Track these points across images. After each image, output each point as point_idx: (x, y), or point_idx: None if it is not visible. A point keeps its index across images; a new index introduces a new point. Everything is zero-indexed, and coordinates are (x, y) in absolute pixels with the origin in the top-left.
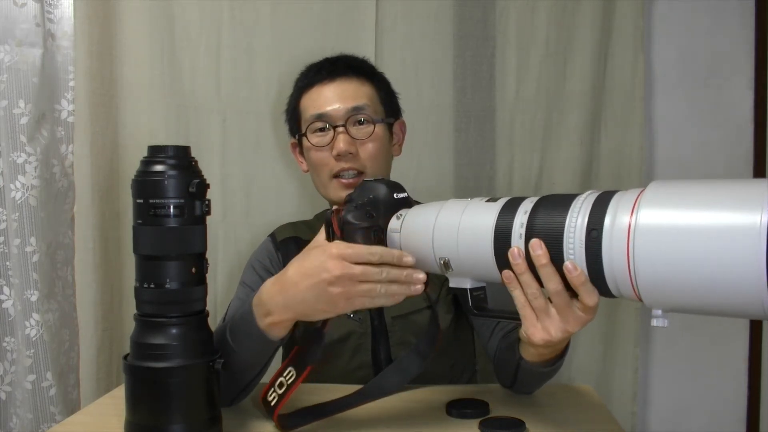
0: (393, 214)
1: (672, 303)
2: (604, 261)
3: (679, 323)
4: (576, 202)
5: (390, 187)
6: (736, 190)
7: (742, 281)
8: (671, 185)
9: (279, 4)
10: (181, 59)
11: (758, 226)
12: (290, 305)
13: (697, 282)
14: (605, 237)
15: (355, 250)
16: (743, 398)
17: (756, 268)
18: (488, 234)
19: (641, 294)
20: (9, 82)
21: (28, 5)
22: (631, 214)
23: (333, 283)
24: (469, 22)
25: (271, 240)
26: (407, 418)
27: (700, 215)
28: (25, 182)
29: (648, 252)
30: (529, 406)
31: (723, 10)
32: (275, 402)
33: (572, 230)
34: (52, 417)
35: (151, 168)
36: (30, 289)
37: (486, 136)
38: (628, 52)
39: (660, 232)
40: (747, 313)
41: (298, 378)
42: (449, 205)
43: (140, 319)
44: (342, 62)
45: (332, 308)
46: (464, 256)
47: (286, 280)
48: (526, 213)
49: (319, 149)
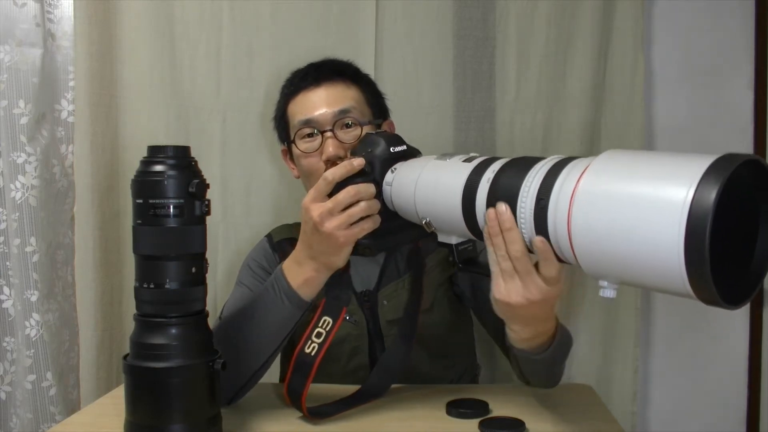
0: (390, 168)
1: (605, 272)
2: (549, 228)
3: (679, 323)
4: (535, 167)
5: (388, 140)
6: (677, 163)
7: (662, 256)
8: (621, 155)
9: (279, 4)
10: (181, 59)
11: (682, 201)
12: (310, 255)
13: (625, 252)
14: (551, 204)
15: (317, 190)
16: (743, 398)
17: (676, 243)
18: (458, 192)
19: (579, 261)
20: (9, 82)
21: (28, 5)
22: (576, 182)
23: (319, 224)
24: (469, 22)
25: (267, 240)
26: (407, 418)
27: (634, 186)
28: (25, 182)
29: (583, 219)
30: (529, 406)
31: (723, 9)
32: (315, 351)
33: (525, 196)
34: (52, 417)
35: (150, 168)
36: (30, 289)
37: (486, 136)
38: (628, 52)
39: (595, 200)
40: (671, 289)
41: (336, 323)
42: (430, 165)
43: (140, 319)
44: (327, 67)
45: (335, 244)
46: (440, 213)
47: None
48: (493, 173)
49: (308, 155)
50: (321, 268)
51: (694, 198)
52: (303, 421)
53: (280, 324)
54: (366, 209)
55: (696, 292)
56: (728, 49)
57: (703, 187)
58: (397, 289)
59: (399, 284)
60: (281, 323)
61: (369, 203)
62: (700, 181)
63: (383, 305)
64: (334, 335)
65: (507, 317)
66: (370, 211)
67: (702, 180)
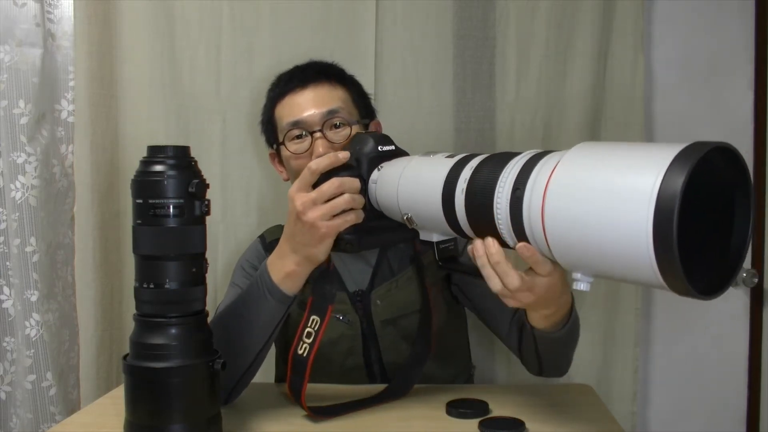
0: (376, 166)
1: (578, 263)
2: (524, 219)
3: (679, 323)
4: (512, 161)
5: (376, 140)
6: (647, 153)
7: (632, 244)
8: (594, 147)
9: (279, 4)
10: (181, 59)
11: (650, 189)
12: (293, 248)
13: (596, 241)
14: (526, 194)
15: (301, 181)
16: (743, 398)
17: (645, 231)
18: (438, 186)
19: (552, 252)
20: (9, 82)
21: (28, 5)
22: (550, 173)
23: (302, 213)
24: (469, 22)
25: (260, 241)
26: (407, 418)
27: (604, 175)
28: (25, 182)
29: (556, 209)
30: (529, 406)
31: (723, 10)
32: (307, 352)
33: (501, 188)
34: (52, 417)
35: (150, 168)
36: (30, 289)
37: (486, 136)
38: (628, 52)
39: (568, 190)
40: (642, 279)
41: (323, 321)
42: (414, 161)
43: (140, 319)
44: (312, 68)
45: (317, 235)
46: (421, 207)
47: (284, 234)
48: (471, 168)
49: (298, 157)
50: (302, 261)
51: (661, 185)
52: (302, 420)
53: (265, 320)
54: (350, 202)
55: (666, 281)
56: (728, 49)
57: (671, 174)
58: (391, 289)
59: (392, 284)
60: (266, 319)
61: (353, 196)
62: (667, 169)
63: (377, 305)
64: (323, 334)
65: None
66: (354, 204)
67: (669, 167)
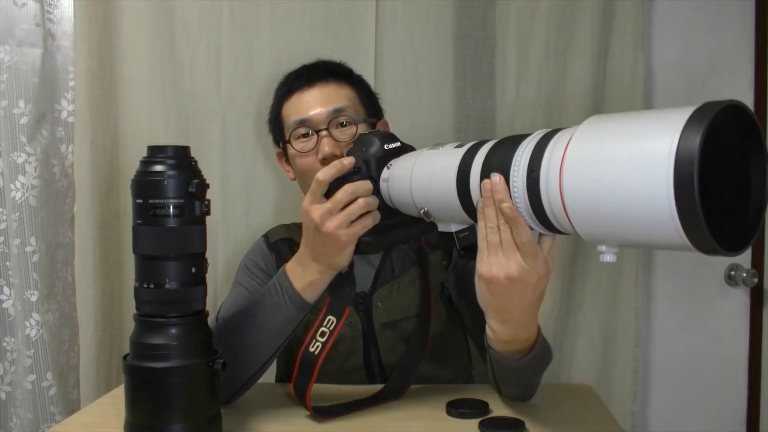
0: (385, 165)
1: (603, 235)
2: (543, 199)
3: (679, 323)
4: (524, 142)
5: (381, 138)
6: (659, 118)
7: (655, 209)
8: (604, 119)
9: (279, 4)
10: (181, 59)
11: (668, 151)
12: (314, 257)
13: (618, 212)
14: (542, 175)
15: (312, 193)
16: (743, 398)
17: (666, 194)
18: (452, 175)
19: (576, 228)
20: (9, 82)
21: (28, 5)
22: (564, 150)
23: (320, 225)
24: (469, 22)
25: (264, 240)
26: (407, 418)
27: (620, 145)
28: (25, 182)
29: (574, 184)
30: (529, 406)
31: (723, 10)
32: (318, 350)
33: (516, 170)
34: (52, 417)
35: (150, 168)
36: (30, 289)
37: (486, 136)
38: (628, 52)
39: (583, 166)
40: (668, 242)
41: (339, 322)
42: (423, 155)
43: (140, 319)
44: (319, 67)
45: (338, 244)
46: (436, 199)
47: (303, 244)
48: (483, 154)
49: (304, 155)
50: (325, 269)
51: (678, 147)
52: (302, 420)
53: (282, 326)
54: (364, 206)
55: (692, 241)
56: (728, 49)
57: (687, 134)
58: (392, 292)
59: (393, 287)
60: (283, 325)
61: (367, 200)
62: (683, 130)
63: (377, 307)
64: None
65: (488, 305)
66: (369, 207)
67: (685, 128)
